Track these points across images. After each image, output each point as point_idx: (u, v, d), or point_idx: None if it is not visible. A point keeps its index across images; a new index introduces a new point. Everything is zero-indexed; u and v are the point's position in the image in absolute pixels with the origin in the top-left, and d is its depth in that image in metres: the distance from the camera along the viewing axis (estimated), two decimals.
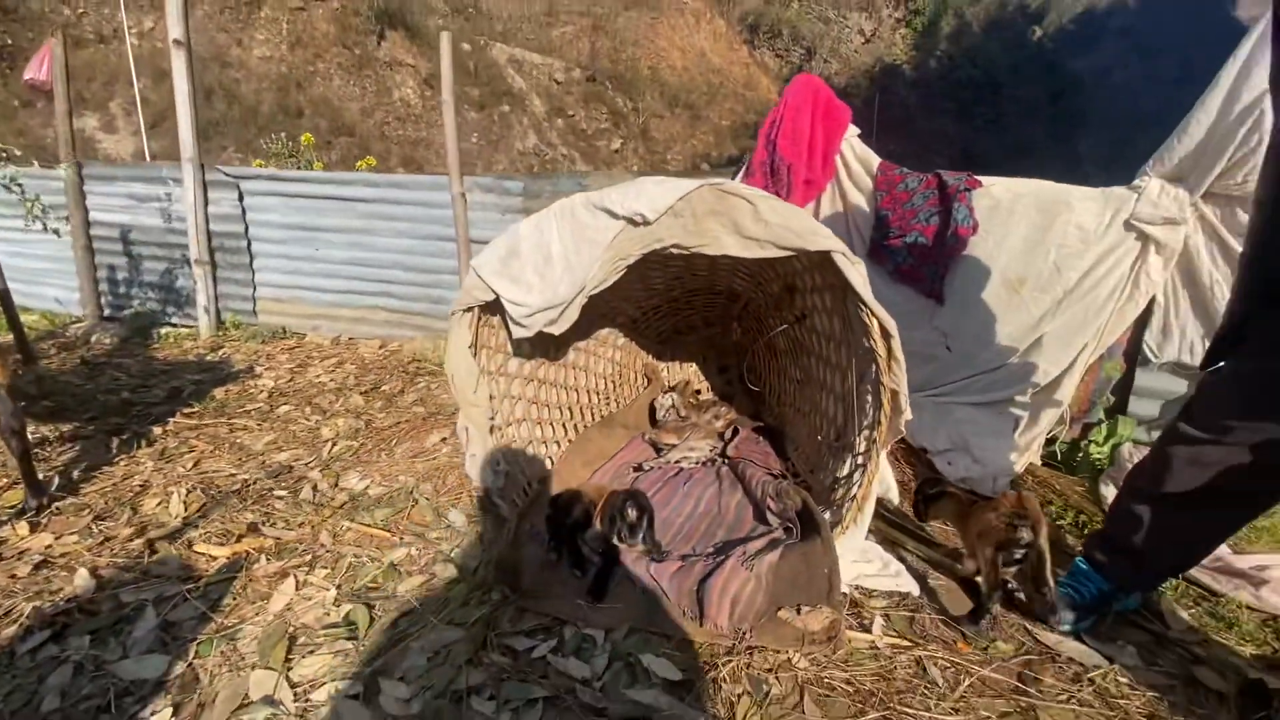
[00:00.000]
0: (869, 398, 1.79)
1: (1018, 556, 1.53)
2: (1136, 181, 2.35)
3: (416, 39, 13.59)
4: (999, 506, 1.60)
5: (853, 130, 2.78)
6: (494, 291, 1.80)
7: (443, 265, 3.85)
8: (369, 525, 2.01)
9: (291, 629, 1.54)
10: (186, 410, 2.88)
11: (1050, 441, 2.56)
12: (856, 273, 1.66)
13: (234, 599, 1.66)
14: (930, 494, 1.90)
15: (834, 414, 2.07)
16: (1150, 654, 1.52)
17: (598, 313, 2.58)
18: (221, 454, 2.48)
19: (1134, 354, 2.50)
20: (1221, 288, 2.23)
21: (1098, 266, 2.41)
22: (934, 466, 2.44)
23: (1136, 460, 1.63)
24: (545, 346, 2.35)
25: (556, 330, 1.88)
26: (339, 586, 1.71)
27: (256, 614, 1.60)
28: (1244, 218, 2.15)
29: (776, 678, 1.40)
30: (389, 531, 1.98)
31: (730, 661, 1.43)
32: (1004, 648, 1.53)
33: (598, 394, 2.78)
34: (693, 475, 2.35)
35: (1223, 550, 1.84)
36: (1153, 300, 2.41)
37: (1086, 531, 2.05)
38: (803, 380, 2.45)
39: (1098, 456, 2.37)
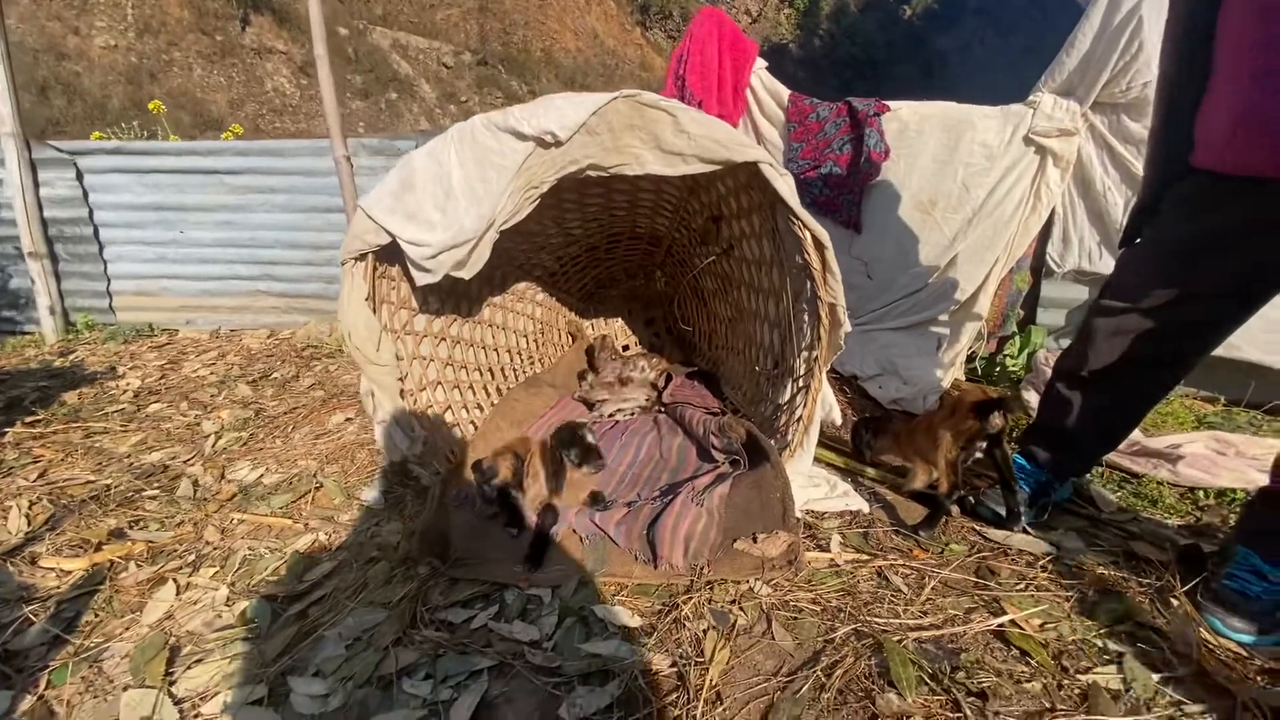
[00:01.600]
0: (805, 317, 1.74)
1: (991, 432, 1.52)
2: (1031, 98, 2.43)
3: (286, 24, 12.49)
4: (961, 404, 1.58)
5: (760, 63, 2.71)
6: (389, 233, 1.58)
7: (333, 240, 3.48)
8: (265, 515, 1.74)
9: (174, 639, 1.29)
10: (28, 419, 2.42)
11: (970, 358, 2.63)
12: (785, 184, 1.59)
13: (96, 615, 1.38)
14: (873, 433, 1.88)
15: (770, 341, 2.00)
16: (1089, 536, 1.56)
17: (514, 265, 2.39)
18: (75, 460, 2.10)
19: (1039, 266, 2.61)
20: (1114, 194, 2.35)
21: (1002, 182, 2.49)
22: (866, 392, 2.44)
23: (1050, 365, 1.66)
24: (457, 302, 2.14)
25: (466, 273, 1.68)
26: (231, 584, 1.46)
27: (126, 629, 1.33)
28: (1129, 124, 2.27)
29: (740, 608, 1.31)
30: (290, 519, 1.72)
31: (690, 599, 1.33)
32: (957, 548, 1.52)
33: (519, 353, 2.58)
34: (629, 426, 2.22)
35: (1137, 435, 1.93)
36: (1053, 212, 2.51)
37: (1015, 433, 2.09)
38: (733, 318, 2.37)
39: (1014, 367, 2.44)
